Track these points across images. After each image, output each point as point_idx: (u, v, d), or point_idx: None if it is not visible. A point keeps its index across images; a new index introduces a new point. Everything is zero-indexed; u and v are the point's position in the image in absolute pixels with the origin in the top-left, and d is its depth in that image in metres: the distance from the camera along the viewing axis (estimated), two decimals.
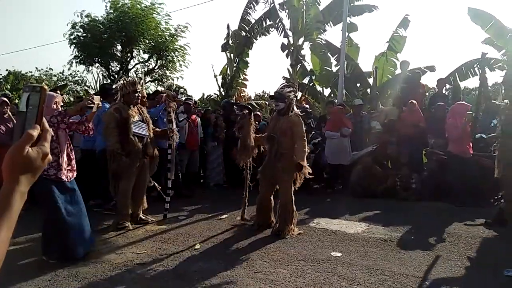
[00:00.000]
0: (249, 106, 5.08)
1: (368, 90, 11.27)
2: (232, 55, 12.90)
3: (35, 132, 0.79)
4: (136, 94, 5.06)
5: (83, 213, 4.09)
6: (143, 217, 5.30)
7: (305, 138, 4.80)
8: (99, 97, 4.38)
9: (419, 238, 4.70)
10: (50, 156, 0.82)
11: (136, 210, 5.22)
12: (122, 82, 5.05)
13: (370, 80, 11.29)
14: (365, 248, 4.35)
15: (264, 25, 12.33)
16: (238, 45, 12.48)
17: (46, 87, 0.85)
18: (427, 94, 9.08)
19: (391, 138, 7.56)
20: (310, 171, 4.86)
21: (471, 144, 6.43)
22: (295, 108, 4.92)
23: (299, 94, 11.43)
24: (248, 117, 4.96)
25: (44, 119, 0.83)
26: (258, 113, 9.25)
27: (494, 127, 6.04)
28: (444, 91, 8.27)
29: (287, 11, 11.89)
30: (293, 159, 4.70)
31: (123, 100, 5.01)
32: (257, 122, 8.24)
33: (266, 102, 15.55)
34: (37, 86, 0.84)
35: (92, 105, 4.12)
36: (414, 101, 7.46)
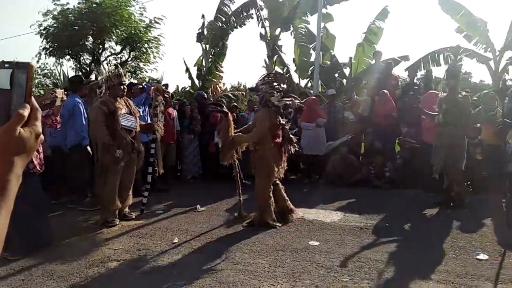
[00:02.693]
0: (225, 110, 5.02)
1: (344, 81, 11.40)
2: (207, 46, 12.76)
3: (26, 112, 0.76)
4: (122, 87, 4.98)
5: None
6: (127, 214, 5.20)
7: (257, 136, 4.75)
8: (62, 90, 4.29)
9: (393, 225, 4.84)
10: (42, 136, 0.79)
11: (122, 206, 5.11)
12: (107, 74, 4.94)
13: (347, 71, 11.41)
14: (341, 236, 4.44)
15: (241, 16, 12.24)
16: (214, 36, 12.34)
17: (33, 63, 0.80)
18: (400, 83, 9.25)
19: (365, 128, 7.70)
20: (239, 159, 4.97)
21: None
22: (273, 100, 4.80)
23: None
24: (225, 119, 4.92)
25: (32, 97, 0.79)
26: (235, 104, 9.25)
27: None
28: (415, 81, 8.47)
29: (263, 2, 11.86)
30: (261, 153, 4.75)
31: (109, 93, 4.91)
32: (234, 114, 8.26)
33: (243, 93, 15.51)
34: (21, 63, 0.78)
35: (55, 98, 4.06)
36: (385, 91, 7.60)
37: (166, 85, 6.53)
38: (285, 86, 5.22)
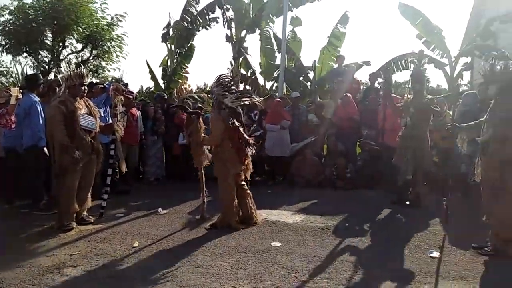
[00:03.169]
0: (198, 111, 4.98)
1: (309, 84, 11.58)
2: (173, 46, 12.59)
3: None
4: (83, 87, 4.86)
5: None
6: (86, 218, 5.04)
7: (215, 139, 4.78)
8: (17, 89, 4.12)
9: (353, 225, 4.97)
10: None
11: (80, 210, 4.94)
12: (68, 73, 4.79)
13: (311, 74, 11.60)
14: (303, 236, 4.51)
15: (207, 17, 12.16)
16: (180, 36, 12.20)
17: None
18: (361, 87, 9.53)
19: (329, 130, 7.85)
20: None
21: None
22: (226, 102, 4.73)
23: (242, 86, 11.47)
24: (197, 121, 4.87)
25: None
26: (200, 105, 9.17)
27: None
28: (376, 85, 8.73)
29: (229, 3, 11.84)
30: (220, 155, 4.77)
31: (68, 92, 4.76)
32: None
33: (209, 95, 15.39)
34: None
35: (9, 97, 3.90)
36: (348, 94, 7.79)
37: (126, 84, 6.41)
38: (245, 86, 5.20)
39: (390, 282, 3.30)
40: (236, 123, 4.80)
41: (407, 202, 5.74)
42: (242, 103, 4.83)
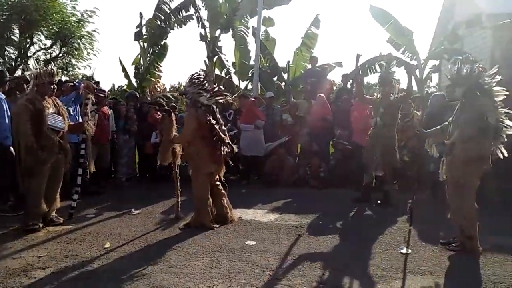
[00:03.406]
0: (169, 109, 4.93)
1: (283, 84, 11.67)
2: (145, 44, 12.40)
3: None
4: (52, 86, 4.74)
5: None
6: (55, 218, 4.90)
7: (185, 137, 4.81)
8: None
9: (326, 223, 5.05)
10: None
11: (48, 211, 4.79)
12: (37, 71, 4.65)
13: (286, 75, 11.70)
14: (277, 235, 4.54)
15: (181, 15, 12.04)
16: (153, 34, 12.02)
17: None
18: (334, 88, 9.71)
19: (302, 130, 7.94)
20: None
21: None
22: (202, 100, 4.73)
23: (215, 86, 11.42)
24: (168, 119, 4.83)
25: None
26: (174, 104, 9.10)
27: None
28: (348, 86, 8.90)
29: (204, 1, 11.78)
30: (193, 154, 4.77)
31: (37, 90, 4.63)
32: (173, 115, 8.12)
33: (183, 95, 15.21)
34: None
35: None
36: (322, 95, 7.90)
37: (97, 83, 6.28)
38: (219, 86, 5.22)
39: (362, 278, 3.37)
40: (212, 121, 4.78)
41: (378, 201, 5.87)
42: (217, 101, 4.83)
